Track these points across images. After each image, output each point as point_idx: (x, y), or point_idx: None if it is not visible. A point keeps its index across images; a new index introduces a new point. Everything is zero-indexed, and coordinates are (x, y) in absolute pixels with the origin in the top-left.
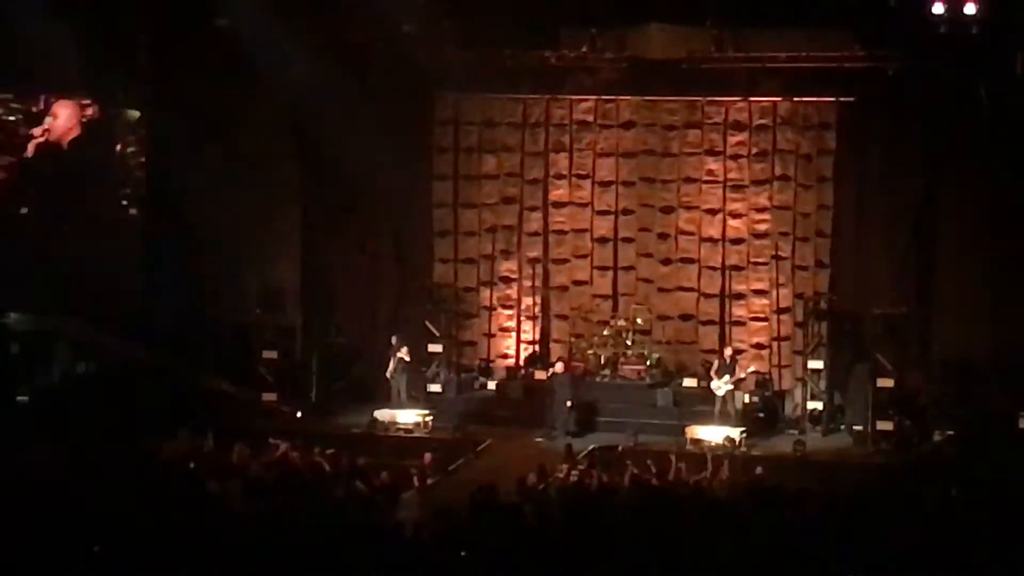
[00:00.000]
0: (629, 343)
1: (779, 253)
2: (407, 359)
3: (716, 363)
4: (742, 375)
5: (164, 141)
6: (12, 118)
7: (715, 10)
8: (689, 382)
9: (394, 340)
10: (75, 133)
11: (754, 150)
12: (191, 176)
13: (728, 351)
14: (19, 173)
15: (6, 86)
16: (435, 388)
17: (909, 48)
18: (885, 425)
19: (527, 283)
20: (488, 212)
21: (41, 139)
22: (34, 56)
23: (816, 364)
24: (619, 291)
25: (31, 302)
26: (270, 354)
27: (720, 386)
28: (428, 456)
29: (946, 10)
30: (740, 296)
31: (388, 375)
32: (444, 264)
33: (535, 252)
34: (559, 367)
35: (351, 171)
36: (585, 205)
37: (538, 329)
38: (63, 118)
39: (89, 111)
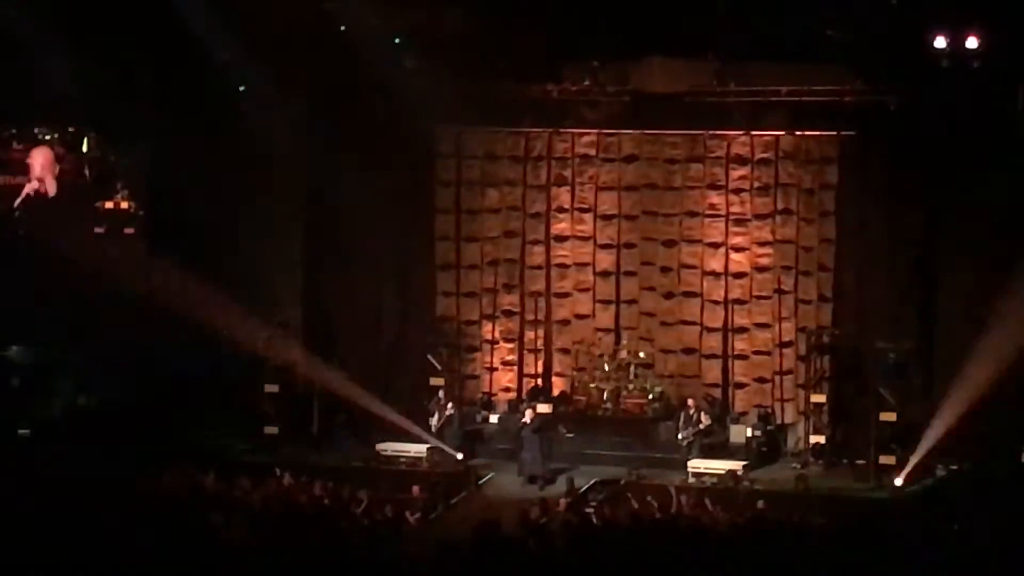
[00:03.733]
0: (631, 377)
1: (782, 287)
2: (452, 412)
3: (681, 416)
4: (703, 426)
5: (165, 175)
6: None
7: (717, 44)
8: None
9: (440, 393)
10: (53, 178)
11: (756, 184)
12: (192, 211)
13: (691, 402)
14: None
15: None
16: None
17: (910, 82)
18: (888, 459)
19: (529, 316)
20: (490, 245)
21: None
22: (34, 89)
23: (819, 398)
24: (621, 325)
25: (32, 336)
26: (272, 388)
27: (684, 438)
28: (416, 489)
29: (948, 44)
30: (743, 330)
31: (433, 429)
32: (446, 297)
33: (537, 286)
34: (528, 416)
35: (353, 205)
36: (587, 239)
37: (540, 363)
38: (38, 168)
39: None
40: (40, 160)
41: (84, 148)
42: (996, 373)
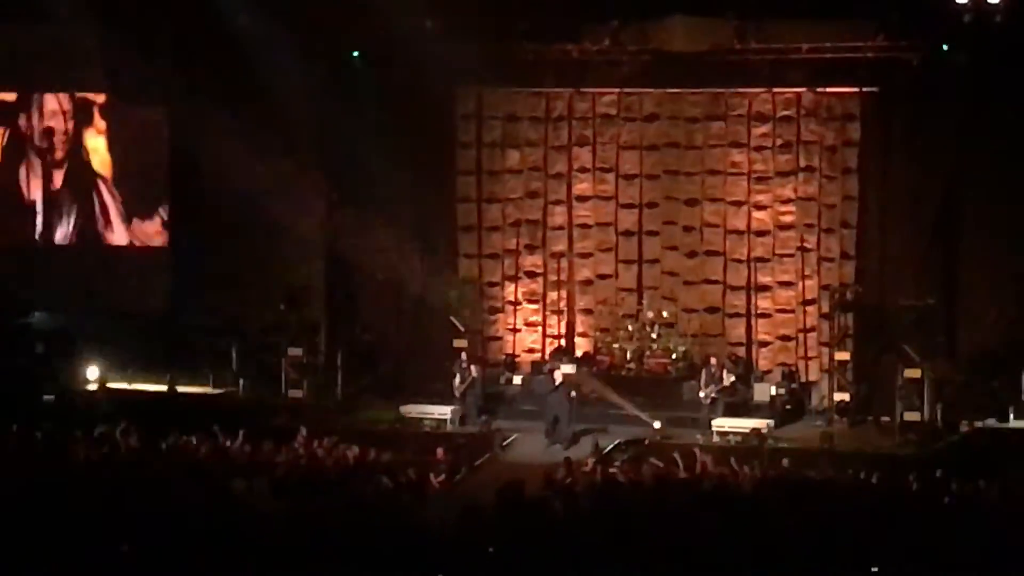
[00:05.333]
0: (655, 336)
1: (804, 245)
2: (476, 375)
3: (703, 374)
4: (726, 383)
5: (187, 138)
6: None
7: (737, 1)
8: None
9: (464, 355)
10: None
11: (778, 142)
12: (214, 173)
13: (714, 360)
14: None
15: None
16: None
17: (933, 37)
18: (912, 416)
19: (552, 277)
20: (512, 207)
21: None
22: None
23: (843, 355)
24: (644, 284)
25: (56, 302)
26: (295, 352)
27: (707, 396)
28: (441, 452)
29: None
30: (766, 288)
31: (457, 392)
32: (469, 259)
33: (559, 246)
34: (558, 377)
35: (374, 167)
36: (609, 199)
37: (563, 323)
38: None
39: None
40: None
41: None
42: (1020, 327)
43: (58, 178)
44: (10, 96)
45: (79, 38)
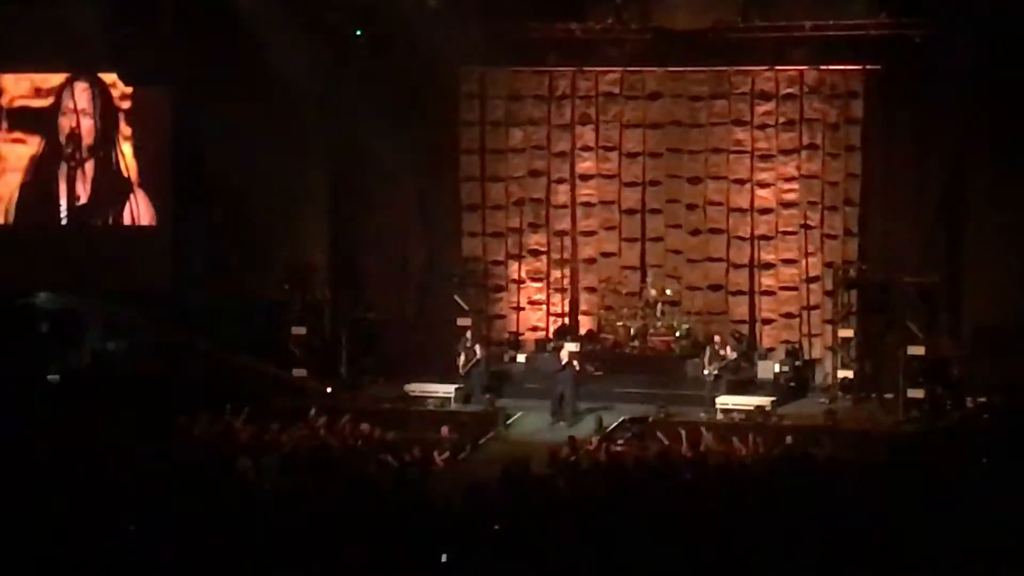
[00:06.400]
0: (658, 314)
1: (808, 222)
2: (480, 353)
3: (707, 352)
4: (730, 361)
5: (189, 118)
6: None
7: None
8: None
9: (468, 334)
10: (90, 116)
11: (781, 119)
12: (218, 152)
13: (717, 338)
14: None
15: (30, 64)
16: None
17: (936, 15)
18: (916, 393)
19: (555, 256)
20: (515, 185)
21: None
22: (57, 33)
23: (846, 333)
24: (647, 262)
25: (61, 281)
26: (299, 330)
27: (710, 373)
28: (445, 429)
29: None
30: (769, 266)
31: (462, 371)
32: (472, 238)
33: (563, 225)
34: (564, 356)
35: (378, 147)
36: (612, 177)
37: (567, 302)
38: (82, 101)
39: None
40: (83, 93)
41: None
42: None
43: (86, 188)
44: (43, 102)
45: (80, 18)
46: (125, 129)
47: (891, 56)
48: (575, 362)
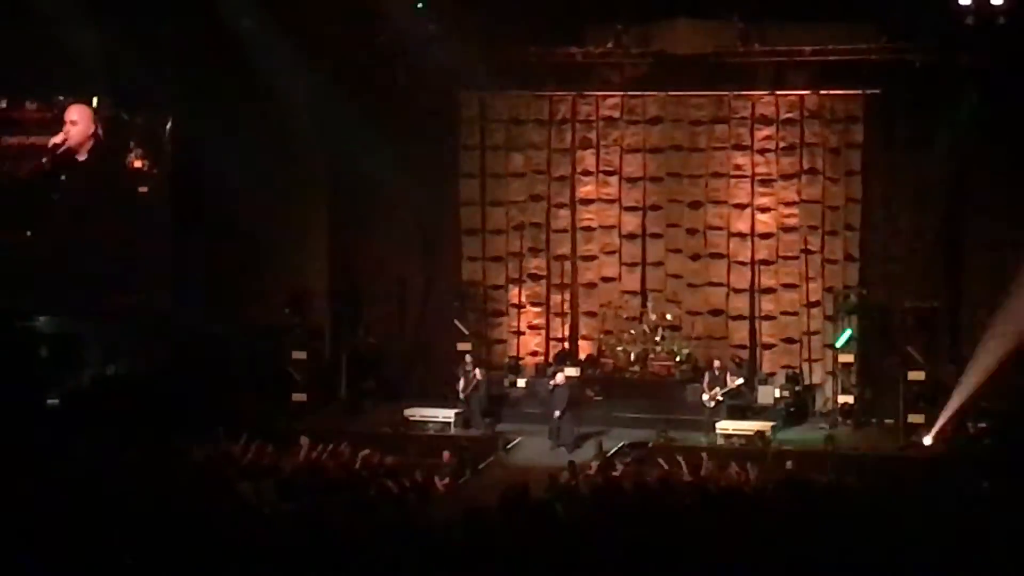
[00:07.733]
0: (658, 339)
1: (808, 247)
2: (480, 378)
3: (707, 377)
4: (732, 386)
5: (189, 142)
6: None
7: (741, 4)
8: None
9: (468, 359)
10: (91, 140)
11: (781, 144)
12: (218, 177)
13: (717, 363)
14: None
15: (25, 90)
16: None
17: (935, 40)
18: (916, 418)
19: (555, 280)
20: (515, 210)
21: (61, 147)
22: (53, 59)
23: (846, 358)
24: (648, 287)
25: (60, 305)
26: (299, 355)
27: (710, 398)
28: (447, 455)
29: (972, 1)
30: (770, 290)
31: (462, 395)
32: (472, 262)
33: (563, 249)
34: (559, 379)
35: (378, 171)
36: (613, 201)
37: (567, 326)
38: (82, 124)
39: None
40: (83, 117)
41: (93, 105)
42: None
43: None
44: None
45: (78, 43)
46: (124, 155)
47: (891, 81)
48: (566, 381)
